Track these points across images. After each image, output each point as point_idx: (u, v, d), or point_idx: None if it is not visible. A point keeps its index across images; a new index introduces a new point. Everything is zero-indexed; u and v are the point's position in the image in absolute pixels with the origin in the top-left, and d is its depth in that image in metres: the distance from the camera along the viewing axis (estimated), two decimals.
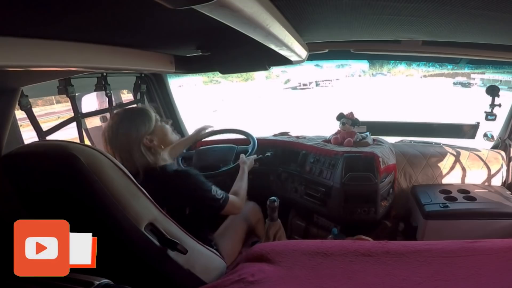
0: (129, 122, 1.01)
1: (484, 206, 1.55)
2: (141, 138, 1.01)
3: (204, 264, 0.93)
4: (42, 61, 0.68)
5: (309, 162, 1.75)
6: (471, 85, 14.64)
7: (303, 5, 0.70)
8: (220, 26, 0.55)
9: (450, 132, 1.99)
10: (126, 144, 1.00)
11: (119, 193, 0.73)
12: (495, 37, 1.02)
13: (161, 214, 0.82)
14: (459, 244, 0.83)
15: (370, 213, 1.59)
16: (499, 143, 1.88)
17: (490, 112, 1.72)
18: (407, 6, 0.69)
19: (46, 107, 4.76)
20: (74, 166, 0.67)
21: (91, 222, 0.75)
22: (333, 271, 0.75)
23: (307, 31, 1.03)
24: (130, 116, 1.04)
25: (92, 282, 0.67)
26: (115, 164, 0.74)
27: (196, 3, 0.35)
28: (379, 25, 0.94)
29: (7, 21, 0.54)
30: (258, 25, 0.57)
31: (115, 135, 1.00)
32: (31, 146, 0.78)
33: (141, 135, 1.01)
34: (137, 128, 1.01)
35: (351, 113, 1.80)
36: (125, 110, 1.08)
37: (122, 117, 1.03)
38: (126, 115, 1.04)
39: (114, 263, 0.82)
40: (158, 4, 0.34)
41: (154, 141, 1.03)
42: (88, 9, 0.54)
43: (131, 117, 1.03)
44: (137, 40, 0.93)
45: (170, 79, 1.94)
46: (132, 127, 1.01)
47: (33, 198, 0.79)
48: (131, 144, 1.00)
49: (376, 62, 7.15)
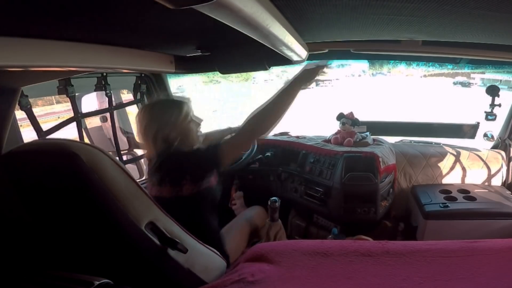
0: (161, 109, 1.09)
1: (484, 206, 1.55)
2: (164, 125, 1.07)
3: (204, 264, 0.93)
4: (42, 61, 0.68)
5: (309, 162, 1.75)
6: (471, 85, 14.64)
7: (303, 5, 0.70)
8: (220, 26, 0.55)
9: (450, 132, 1.99)
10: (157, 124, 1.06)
11: (119, 192, 0.72)
12: (495, 37, 1.02)
13: (161, 213, 0.82)
14: (459, 244, 0.83)
15: (370, 213, 1.59)
16: (499, 143, 1.88)
17: (490, 112, 1.72)
18: (407, 6, 0.69)
19: (46, 107, 4.76)
20: (74, 165, 0.67)
21: (92, 221, 0.75)
22: (333, 271, 0.75)
23: (307, 31, 1.03)
24: (165, 103, 1.12)
25: (92, 282, 0.67)
26: (115, 162, 0.74)
27: (196, 3, 0.35)
28: (379, 25, 0.94)
29: (7, 21, 0.54)
30: (258, 25, 0.57)
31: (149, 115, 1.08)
32: (31, 144, 0.77)
33: (165, 122, 1.07)
34: (170, 113, 1.08)
35: (351, 113, 1.80)
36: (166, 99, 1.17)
37: (162, 102, 1.12)
38: (163, 103, 1.13)
39: (114, 262, 0.82)
40: (158, 4, 0.34)
41: (172, 135, 1.08)
42: (88, 9, 0.55)
43: (166, 104, 1.11)
44: (137, 40, 0.93)
45: (170, 79, 1.94)
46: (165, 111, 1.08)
47: (33, 197, 0.79)
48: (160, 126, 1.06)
49: (376, 62, 7.15)
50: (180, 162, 1.06)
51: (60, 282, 0.69)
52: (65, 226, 0.81)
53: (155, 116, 1.08)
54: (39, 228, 0.83)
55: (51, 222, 0.82)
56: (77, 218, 0.77)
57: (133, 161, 1.84)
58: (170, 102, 1.13)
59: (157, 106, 1.11)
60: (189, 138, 1.12)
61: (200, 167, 1.07)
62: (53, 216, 0.80)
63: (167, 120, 1.08)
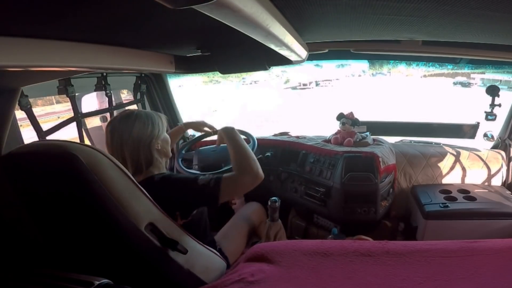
0: (145, 121, 1.00)
1: (484, 206, 1.55)
2: (152, 139, 1.00)
3: (204, 264, 0.93)
4: (42, 61, 0.68)
5: (309, 162, 1.75)
6: (471, 85, 14.66)
7: (303, 5, 0.70)
8: (220, 26, 0.55)
9: (450, 132, 1.99)
10: (137, 141, 0.98)
11: (119, 193, 0.73)
12: (495, 37, 1.02)
13: (161, 214, 0.82)
14: (459, 244, 0.83)
15: (370, 213, 1.59)
16: (499, 143, 1.88)
17: (490, 112, 1.72)
18: (407, 6, 0.69)
19: (46, 107, 4.76)
20: (74, 166, 0.67)
21: (91, 222, 0.75)
22: (333, 271, 0.75)
23: (307, 31, 1.03)
24: (146, 116, 1.02)
25: (92, 282, 0.67)
26: (115, 164, 0.74)
27: (196, 3, 0.35)
28: (379, 25, 0.94)
29: (7, 21, 0.54)
30: (258, 25, 0.57)
31: (129, 130, 0.97)
32: (31, 146, 0.77)
33: (154, 136, 1.00)
34: (152, 128, 1.00)
35: (351, 113, 1.80)
36: (140, 110, 1.05)
37: (138, 114, 1.01)
38: (142, 114, 1.02)
39: (114, 263, 0.82)
40: (158, 4, 0.34)
41: (160, 147, 1.03)
42: (88, 9, 0.54)
43: (147, 117, 1.02)
44: (137, 40, 0.93)
45: (170, 79, 1.94)
46: (148, 126, 1.00)
47: (33, 198, 0.79)
48: (143, 142, 0.98)
49: (376, 62, 7.15)
50: (168, 195, 0.94)
51: (60, 282, 0.69)
52: (65, 227, 0.81)
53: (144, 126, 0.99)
54: (39, 229, 0.83)
55: (51, 223, 0.82)
56: (76, 219, 0.77)
57: None
58: (151, 114, 1.04)
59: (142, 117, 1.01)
60: (168, 148, 1.07)
61: (192, 204, 0.99)
62: (53, 217, 0.80)
63: (157, 129, 1.01)
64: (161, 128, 1.03)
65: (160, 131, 1.03)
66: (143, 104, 1.75)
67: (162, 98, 1.92)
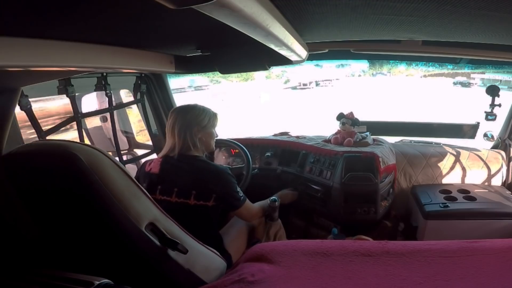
0: (200, 111, 1.24)
1: (484, 206, 1.55)
2: (195, 127, 1.21)
3: (204, 264, 0.93)
4: (42, 61, 0.68)
5: (309, 162, 1.75)
6: (471, 85, 14.66)
7: (303, 5, 0.70)
8: (220, 26, 0.55)
9: (450, 132, 1.99)
10: (186, 125, 1.20)
11: (119, 193, 0.73)
12: (495, 37, 1.02)
13: (161, 213, 0.82)
14: (459, 244, 0.83)
15: (370, 213, 1.59)
16: (499, 143, 1.88)
17: (490, 112, 1.72)
18: (407, 6, 0.69)
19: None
20: (75, 166, 0.67)
21: (92, 221, 0.75)
22: (333, 271, 0.75)
23: (307, 31, 1.03)
24: (203, 109, 1.26)
25: (92, 282, 0.67)
26: (115, 163, 0.74)
27: (196, 3, 0.35)
28: (379, 25, 0.94)
29: (7, 21, 0.54)
30: (258, 25, 0.57)
31: (183, 115, 1.22)
32: (31, 145, 0.77)
33: (198, 125, 1.21)
34: (202, 118, 1.23)
35: (351, 113, 1.80)
36: (198, 104, 1.29)
37: (196, 106, 1.26)
38: (199, 106, 1.26)
39: (114, 262, 0.82)
40: (158, 4, 0.34)
41: (200, 136, 1.21)
42: (88, 9, 0.55)
43: (204, 110, 1.25)
44: (137, 40, 0.93)
45: (170, 79, 1.94)
46: (200, 115, 1.23)
47: (33, 198, 0.79)
48: (190, 127, 1.20)
49: (376, 62, 7.16)
50: (206, 179, 1.17)
51: (60, 282, 0.69)
52: (65, 227, 0.81)
53: (189, 116, 1.22)
54: (39, 229, 0.83)
55: (51, 222, 0.82)
56: (77, 218, 0.77)
57: (133, 161, 1.84)
58: (204, 109, 1.27)
59: (198, 109, 1.25)
60: (209, 142, 1.27)
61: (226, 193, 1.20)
62: (53, 217, 0.80)
63: (204, 120, 1.23)
64: (207, 122, 1.24)
65: (206, 123, 1.24)
66: (143, 104, 1.75)
67: (162, 98, 1.92)
